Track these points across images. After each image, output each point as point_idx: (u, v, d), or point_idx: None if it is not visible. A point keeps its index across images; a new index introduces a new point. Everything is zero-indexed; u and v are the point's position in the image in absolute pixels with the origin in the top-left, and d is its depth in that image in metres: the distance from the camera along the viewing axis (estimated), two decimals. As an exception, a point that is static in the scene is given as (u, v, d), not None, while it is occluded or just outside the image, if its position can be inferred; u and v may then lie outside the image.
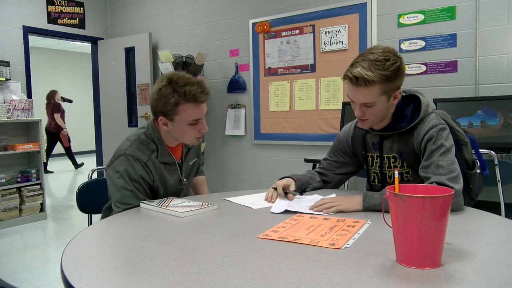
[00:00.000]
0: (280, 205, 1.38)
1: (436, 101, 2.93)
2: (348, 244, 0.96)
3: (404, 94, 1.49)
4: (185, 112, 1.47)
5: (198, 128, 1.53)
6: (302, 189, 1.60)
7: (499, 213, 2.15)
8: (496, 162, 2.19)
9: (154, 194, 1.57)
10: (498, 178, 2.18)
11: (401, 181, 1.48)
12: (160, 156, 1.54)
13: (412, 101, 1.47)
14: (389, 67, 1.30)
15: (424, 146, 1.38)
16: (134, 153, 1.48)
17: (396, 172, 0.92)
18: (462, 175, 1.55)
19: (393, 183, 1.50)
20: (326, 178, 1.69)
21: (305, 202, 1.42)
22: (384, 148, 1.51)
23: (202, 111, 1.52)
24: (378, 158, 1.54)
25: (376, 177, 1.58)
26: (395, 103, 1.43)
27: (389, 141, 1.49)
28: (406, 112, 1.45)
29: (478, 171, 1.54)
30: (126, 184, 1.44)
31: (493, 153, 2.19)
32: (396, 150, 1.48)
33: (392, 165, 1.50)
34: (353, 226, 1.11)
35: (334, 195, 1.49)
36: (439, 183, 1.28)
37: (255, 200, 1.49)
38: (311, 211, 1.30)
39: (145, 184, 1.49)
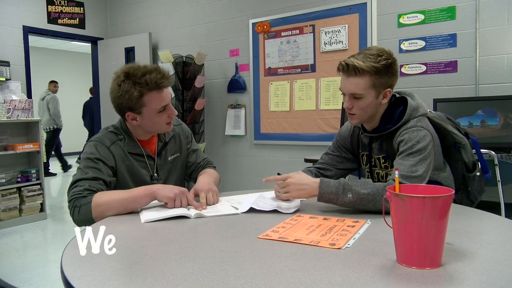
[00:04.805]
0: (246, 204, 1.37)
1: (436, 101, 2.93)
2: (349, 244, 0.96)
3: (397, 95, 1.50)
4: (151, 102, 1.44)
5: (167, 114, 1.51)
6: None
7: (499, 213, 2.15)
8: (496, 162, 2.18)
9: (122, 184, 1.50)
10: (498, 178, 2.18)
11: None
12: (127, 146, 1.52)
13: (403, 103, 1.47)
14: (380, 61, 1.35)
15: (397, 148, 1.40)
16: (98, 139, 1.49)
17: (397, 172, 0.92)
18: (461, 177, 1.55)
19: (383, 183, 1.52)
20: (327, 173, 1.66)
21: (269, 199, 1.43)
22: (374, 149, 1.53)
23: (167, 97, 1.49)
24: (368, 158, 1.56)
25: (369, 176, 1.60)
26: (384, 103, 1.43)
27: (378, 142, 1.51)
28: (395, 114, 1.45)
29: (478, 173, 1.54)
30: (80, 164, 1.44)
31: (493, 153, 2.19)
32: (385, 151, 1.49)
33: (382, 165, 1.52)
34: (353, 226, 1.11)
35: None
36: (393, 180, 1.28)
37: (244, 201, 1.43)
38: (275, 208, 1.30)
39: (103, 165, 1.43)
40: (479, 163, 1.56)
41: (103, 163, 1.44)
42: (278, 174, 1.54)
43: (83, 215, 1.30)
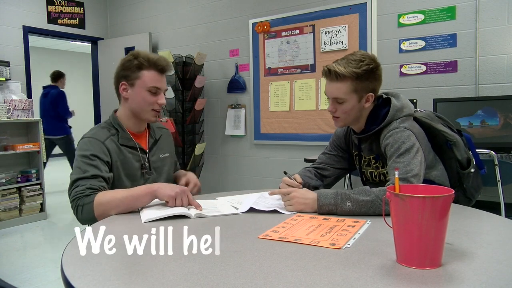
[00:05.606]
0: (246, 204, 1.37)
1: (436, 101, 2.93)
2: (349, 244, 0.96)
3: (384, 96, 1.52)
4: (146, 76, 1.52)
5: (157, 99, 1.54)
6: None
7: (499, 213, 2.15)
8: (496, 162, 2.19)
9: (116, 177, 1.51)
10: (498, 178, 2.18)
11: (384, 181, 1.51)
12: (121, 139, 1.55)
13: (389, 104, 1.48)
14: (361, 67, 1.38)
15: (384, 151, 1.41)
16: (91, 135, 1.51)
17: (397, 172, 0.92)
18: (455, 175, 1.55)
19: (378, 183, 1.52)
20: (325, 172, 1.67)
21: (270, 199, 1.43)
22: (364, 149, 1.55)
23: (163, 82, 1.56)
24: (360, 158, 1.59)
25: (363, 175, 1.62)
26: (367, 106, 1.45)
27: (368, 143, 1.53)
28: (380, 115, 1.47)
29: (472, 170, 1.54)
30: (76, 162, 1.44)
31: (493, 153, 2.19)
32: (375, 152, 1.51)
33: (373, 165, 1.54)
34: (353, 226, 1.11)
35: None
36: (393, 183, 1.28)
37: (244, 201, 1.43)
38: (275, 208, 1.32)
39: (99, 162, 1.44)
40: (473, 159, 1.57)
41: (99, 159, 1.45)
42: (285, 172, 1.54)
43: (86, 214, 1.31)
